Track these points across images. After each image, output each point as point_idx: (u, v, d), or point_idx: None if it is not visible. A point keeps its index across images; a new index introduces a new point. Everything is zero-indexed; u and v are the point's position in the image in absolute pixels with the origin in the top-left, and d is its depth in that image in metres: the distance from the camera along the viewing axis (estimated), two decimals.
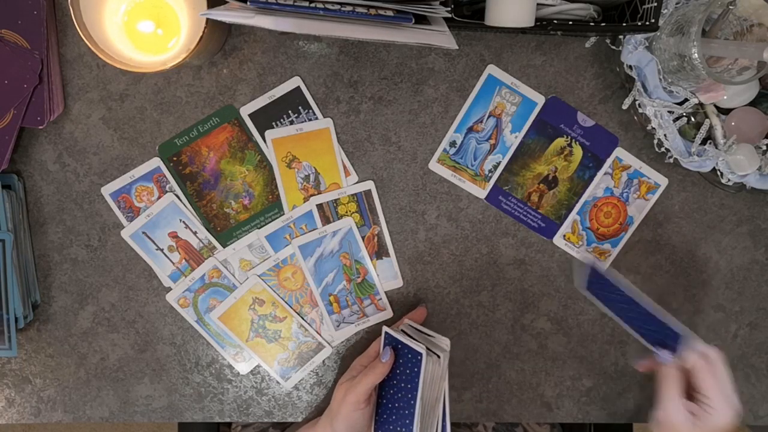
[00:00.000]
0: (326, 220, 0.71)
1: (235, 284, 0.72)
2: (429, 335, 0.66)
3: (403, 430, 0.61)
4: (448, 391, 0.64)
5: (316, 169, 0.70)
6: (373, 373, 0.61)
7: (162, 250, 0.71)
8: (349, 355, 0.74)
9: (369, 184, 0.71)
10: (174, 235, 0.71)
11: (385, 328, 0.64)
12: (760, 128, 0.66)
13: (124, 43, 0.62)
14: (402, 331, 0.66)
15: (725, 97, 0.65)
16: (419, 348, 0.60)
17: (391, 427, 0.62)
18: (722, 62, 0.64)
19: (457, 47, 0.63)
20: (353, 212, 0.71)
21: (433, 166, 0.71)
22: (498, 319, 0.73)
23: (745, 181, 0.66)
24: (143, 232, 0.71)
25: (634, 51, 0.63)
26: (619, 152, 0.70)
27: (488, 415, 0.75)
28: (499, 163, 0.70)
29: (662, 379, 0.63)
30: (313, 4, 0.50)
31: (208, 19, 0.58)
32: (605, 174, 0.71)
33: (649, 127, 0.66)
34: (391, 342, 0.64)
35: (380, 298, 0.73)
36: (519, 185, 0.71)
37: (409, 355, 0.61)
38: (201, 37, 0.58)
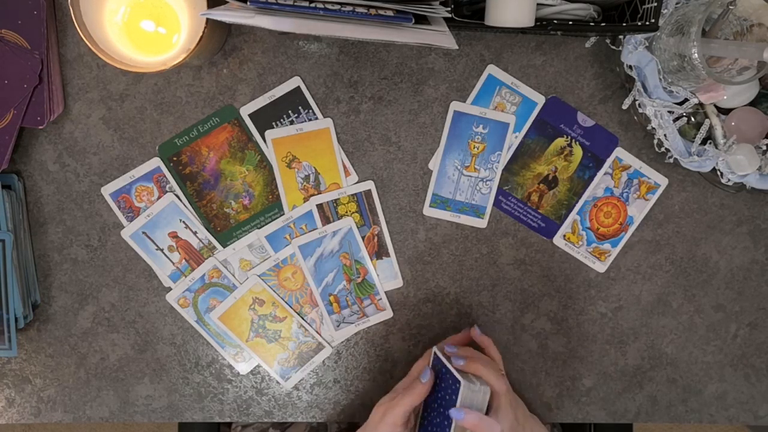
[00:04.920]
0: (326, 220, 0.71)
1: (235, 284, 0.72)
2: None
3: None
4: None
5: (316, 169, 0.70)
6: (411, 394, 0.60)
7: (162, 250, 0.71)
8: (349, 355, 0.74)
9: (369, 184, 0.71)
10: (174, 235, 0.71)
11: (435, 349, 0.63)
12: (760, 128, 0.66)
13: (124, 43, 0.62)
14: (448, 353, 0.64)
15: (725, 97, 0.65)
16: (459, 377, 0.58)
17: None
18: (722, 62, 0.64)
19: (457, 47, 0.63)
20: (353, 212, 0.71)
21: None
22: (498, 319, 0.73)
23: (745, 181, 0.66)
24: (143, 232, 0.71)
25: (634, 51, 0.63)
26: (619, 152, 0.70)
27: None
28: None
29: None
30: (313, 4, 0.50)
31: (208, 19, 0.58)
32: (605, 174, 0.71)
33: (649, 127, 0.65)
34: (438, 364, 0.62)
35: (380, 298, 0.73)
36: (519, 185, 0.71)
37: (450, 381, 0.60)
38: (201, 37, 0.58)
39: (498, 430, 0.57)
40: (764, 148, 0.66)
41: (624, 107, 0.67)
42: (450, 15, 0.54)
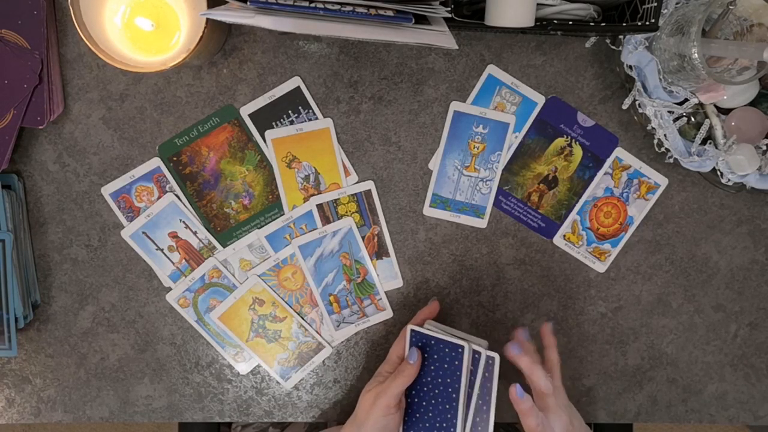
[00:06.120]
0: (326, 220, 0.71)
1: (235, 284, 0.72)
2: (458, 335, 0.64)
3: (445, 424, 0.60)
4: (495, 395, 0.62)
5: (316, 169, 0.70)
6: (402, 376, 0.60)
7: (162, 250, 0.71)
8: (349, 355, 0.74)
9: (369, 184, 0.71)
10: (174, 235, 0.71)
11: (410, 327, 0.63)
12: (760, 128, 0.66)
13: (124, 43, 0.62)
14: (428, 328, 0.65)
15: (725, 97, 0.65)
16: (460, 342, 0.59)
17: (428, 425, 0.62)
18: (722, 62, 0.64)
19: (457, 47, 0.63)
20: (353, 212, 0.71)
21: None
22: (498, 319, 0.73)
23: (745, 181, 0.66)
24: (143, 232, 0.71)
25: (634, 51, 0.63)
26: (619, 152, 0.70)
27: None
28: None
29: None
30: (313, 4, 0.50)
31: (208, 19, 0.58)
32: (605, 174, 0.71)
33: (649, 127, 0.65)
34: (421, 339, 0.62)
35: (380, 298, 0.73)
36: (519, 185, 0.71)
37: (447, 350, 0.60)
38: (201, 37, 0.58)
39: (539, 420, 0.58)
40: (764, 148, 0.66)
41: (624, 107, 0.67)
42: (450, 15, 0.54)
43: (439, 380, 0.61)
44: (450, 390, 0.60)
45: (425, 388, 0.62)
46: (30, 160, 0.70)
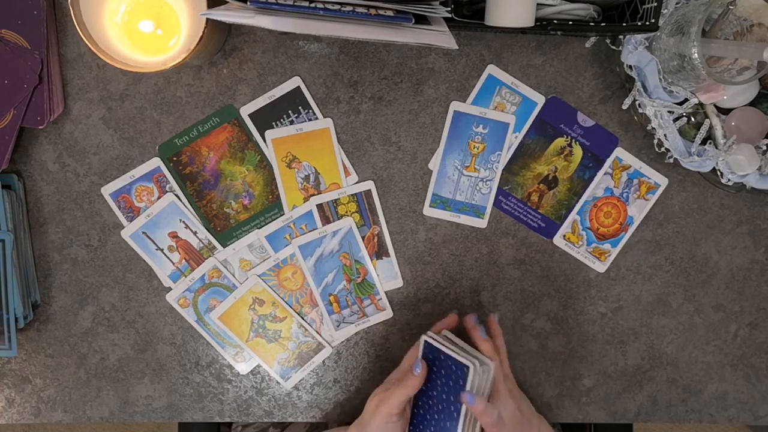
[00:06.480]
0: (326, 220, 0.71)
1: (235, 284, 0.72)
2: (469, 351, 0.63)
3: None
4: None
5: (316, 169, 0.70)
6: (405, 386, 0.60)
7: (162, 250, 0.71)
8: (349, 355, 0.74)
9: (369, 184, 0.71)
10: (174, 235, 0.71)
11: (424, 338, 0.62)
12: (760, 128, 0.66)
13: (124, 43, 0.62)
14: (445, 338, 0.64)
15: (725, 97, 0.65)
16: (466, 362, 0.58)
17: None
18: (722, 62, 0.64)
19: (457, 47, 0.63)
20: (353, 212, 0.71)
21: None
22: (498, 319, 0.73)
23: (745, 181, 0.66)
24: (143, 232, 0.71)
25: (634, 51, 0.63)
26: (619, 152, 0.70)
27: None
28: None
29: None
30: (313, 4, 0.50)
31: (208, 19, 0.58)
32: (605, 174, 0.71)
33: (649, 127, 0.65)
34: (432, 352, 0.62)
35: (380, 298, 0.73)
36: (519, 185, 0.71)
37: (453, 367, 0.59)
38: (201, 37, 0.58)
39: (495, 416, 0.58)
40: (764, 148, 0.66)
41: (624, 107, 0.67)
42: (450, 15, 0.54)
43: (444, 396, 0.60)
44: (452, 408, 0.60)
45: (430, 402, 0.62)
46: (30, 160, 0.70)
